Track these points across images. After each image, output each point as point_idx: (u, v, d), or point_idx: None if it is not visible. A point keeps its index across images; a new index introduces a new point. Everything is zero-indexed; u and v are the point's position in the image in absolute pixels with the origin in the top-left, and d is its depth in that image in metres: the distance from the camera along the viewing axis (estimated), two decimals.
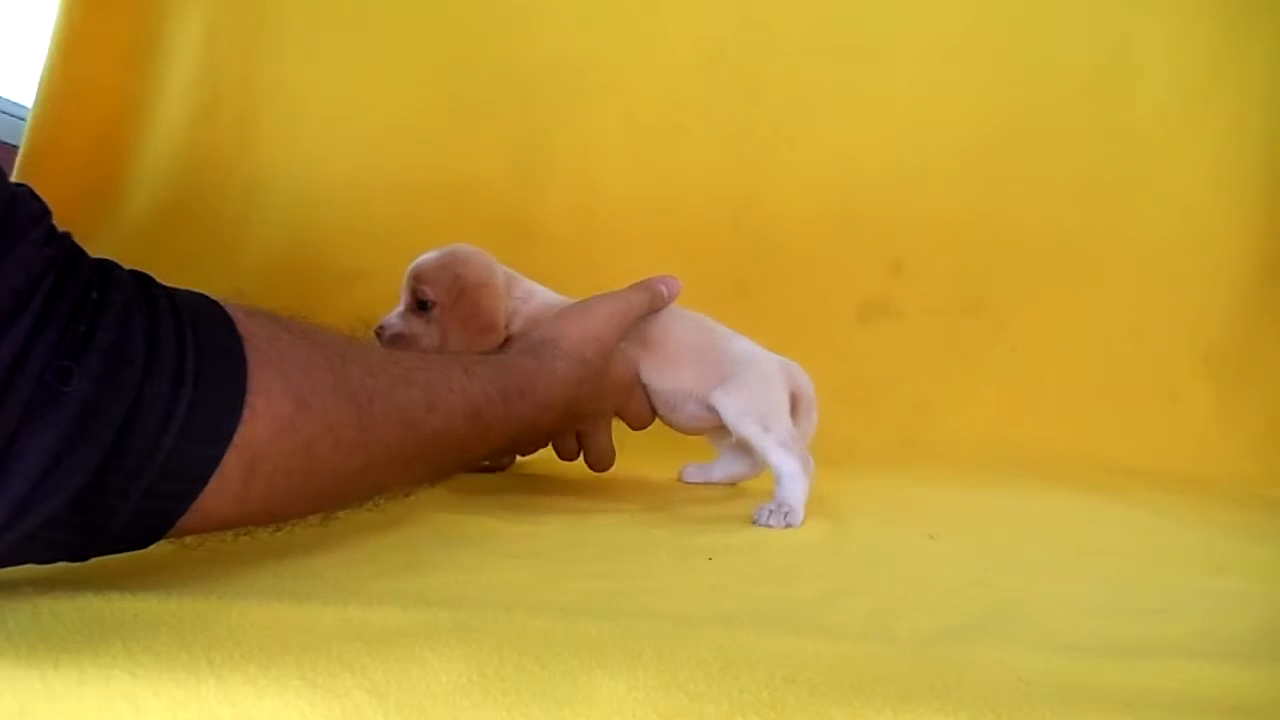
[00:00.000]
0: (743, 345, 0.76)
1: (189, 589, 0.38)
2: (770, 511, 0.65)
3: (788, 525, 0.65)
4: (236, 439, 0.36)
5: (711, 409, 0.73)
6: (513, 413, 0.56)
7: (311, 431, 0.40)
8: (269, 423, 0.38)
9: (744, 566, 0.54)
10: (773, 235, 1.31)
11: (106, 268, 0.36)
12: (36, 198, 0.35)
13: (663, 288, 0.73)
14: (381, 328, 0.76)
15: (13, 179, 0.34)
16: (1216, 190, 1.33)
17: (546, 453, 0.77)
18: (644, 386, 0.74)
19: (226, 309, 0.39)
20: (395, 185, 1.26)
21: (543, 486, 0.79)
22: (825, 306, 1.30)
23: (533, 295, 0.77)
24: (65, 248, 0.35)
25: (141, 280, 0.38)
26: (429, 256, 0.76)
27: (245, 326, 0.39)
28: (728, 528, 0.65)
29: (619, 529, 0.63)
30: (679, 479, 0.85)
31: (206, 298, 0.39)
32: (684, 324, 0.76)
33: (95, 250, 0.38)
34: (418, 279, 0.75)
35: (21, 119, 1.20)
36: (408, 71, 1.29)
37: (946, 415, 1.26)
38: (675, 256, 1.27)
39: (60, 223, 0.36)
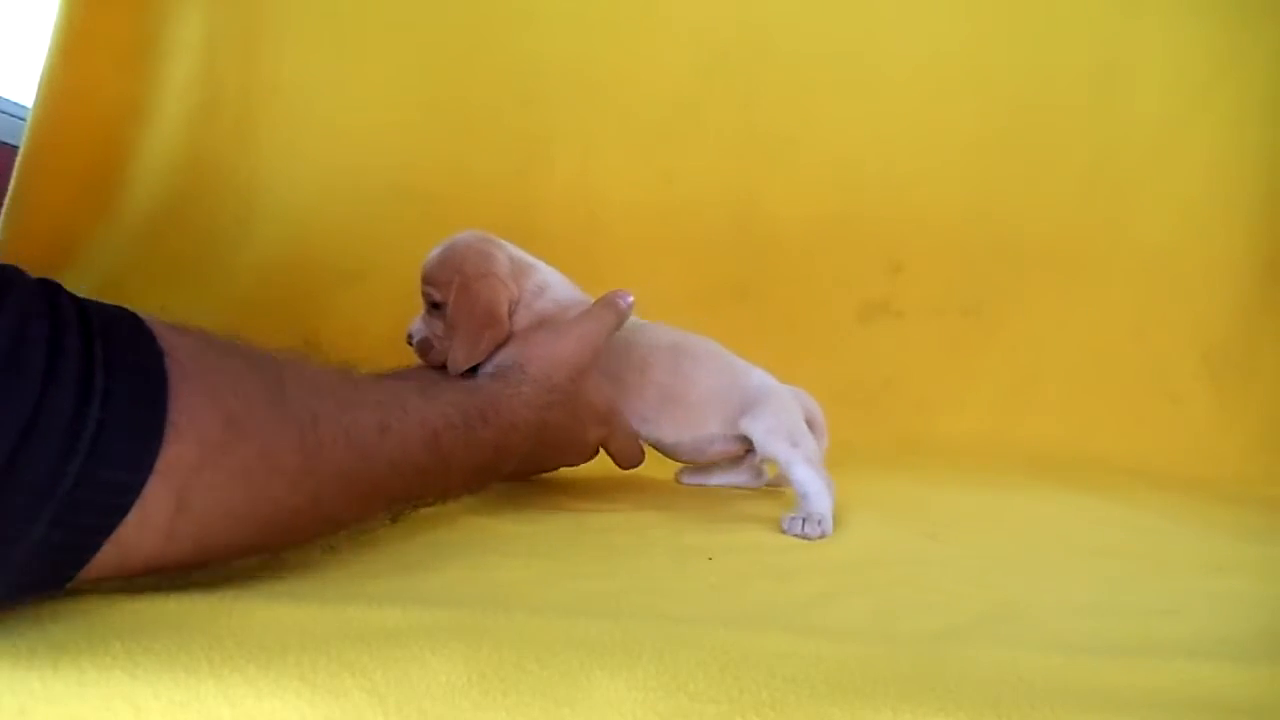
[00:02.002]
0: (759, 377, 0.77)
1: (189, 589, 0.38)
2: (804, 520, 0.65)
3: (822, 534, 0.65)
4: (159, 464, 0.33)
5: (737, 439, 0.74)
6: (475, 437, 0.53)
7: (246, 455, 0.36)
8: (195, 446, 0.34)
9: (744, 566, 0.54)
10: (773, 236, 1.31)
11: (7, 273, 0.33)
12: None
13: (621, 303, 0.70)
14: (410, 335, 0.75)
15: (13, 179, 0.34)
16: (1216, 191, 1.33)
17: None
18: (668, 442, 0.75)
19: (147, 322, 0.35)
20: (395, 186, 1.26)
21: (542, 486, 0.79)
22: (825, 306, 1.30)
23: (545, 290, 0.74)
24: None
25: (48, 289, 0.34)
26: (433, 254, 0.73)
27: (167, 340, 0.35)
28: (727, 528, 0.65)
29: (618, 529, 0.63)
30: (676, 481, 0.84)
31: (125, 310, 0.36)
32: (703, 368, 0.75)
33: (93, 251, 0.38)
34: (425, 281, 0.73)
35: (21, 119, 1.20)
36: (407, 73, 1.29)
37: (946, 415, 1.26)
38: (675, 257, 1.27)
39: (61, 223, 0.36)
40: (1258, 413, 1.26)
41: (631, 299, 0.71)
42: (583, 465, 0.75)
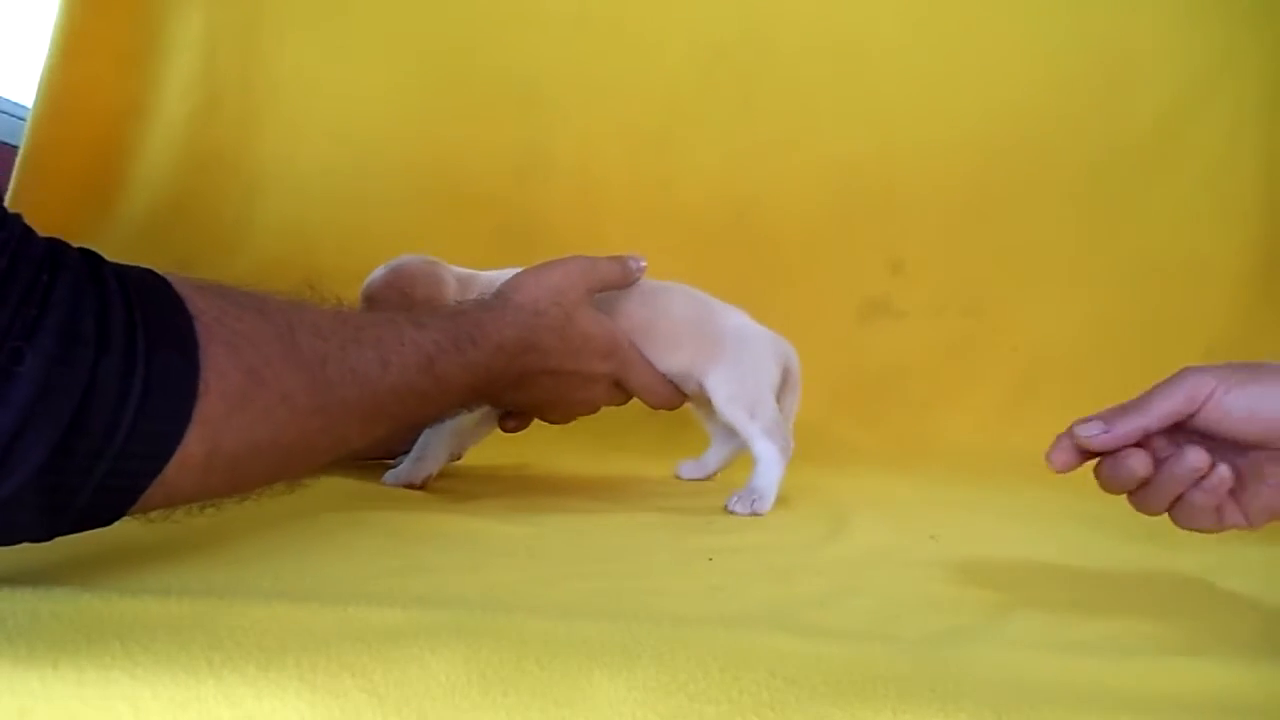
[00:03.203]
0: (736, 320, 0.76)
1: (189, 589, 0.38)
2: (739, 498, 0.66)
3: (754, 512, 0.65)
4: (195, 415, 0.37)
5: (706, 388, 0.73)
6: (466, 359, 0.57)
7: (267, 401, 0.41)
8: (222, 397, 0.38)
9: (744, 566, 0.54)
10: (773, 235, 1.31)
11: (57, 248, 0.37)
12: None
13: (632, 263, 0.72)
14: None
15: (13, 179, 0.35)
16: (1216, 190, 1.33)
17: (546, 456, 0.77)
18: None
19: (175, 286, 0.39)
20: (395, 186, 1.26)
21: (542, 486, 0.79)
22: (825, 306, 1.30)
23: (495, 284, 0.73)
24: (16, 231, 0.35)
25: (91, 260, 0.38)
26: (376, 276, 0.74)
27: (194, 303, 0.39)
28: (728, 528, 0.65)
29: (618, 529, 0.63)
30: (674, 476, 0.84)
31: (155, 275, 0.40)
32: (673, 300, 0.75)
33: (96, 250, 0.38)
34: (369, 301, 0.74)
35: (21, 119, 1.20)
36: (408, 73, 1.29)
37: (946, 415, 1.25)
38: (675, 257, 1.26)
39: (60, 223, 0.37)
40: None
41: (644, 263, 0.73)
42: (592, 462, 0.75)
